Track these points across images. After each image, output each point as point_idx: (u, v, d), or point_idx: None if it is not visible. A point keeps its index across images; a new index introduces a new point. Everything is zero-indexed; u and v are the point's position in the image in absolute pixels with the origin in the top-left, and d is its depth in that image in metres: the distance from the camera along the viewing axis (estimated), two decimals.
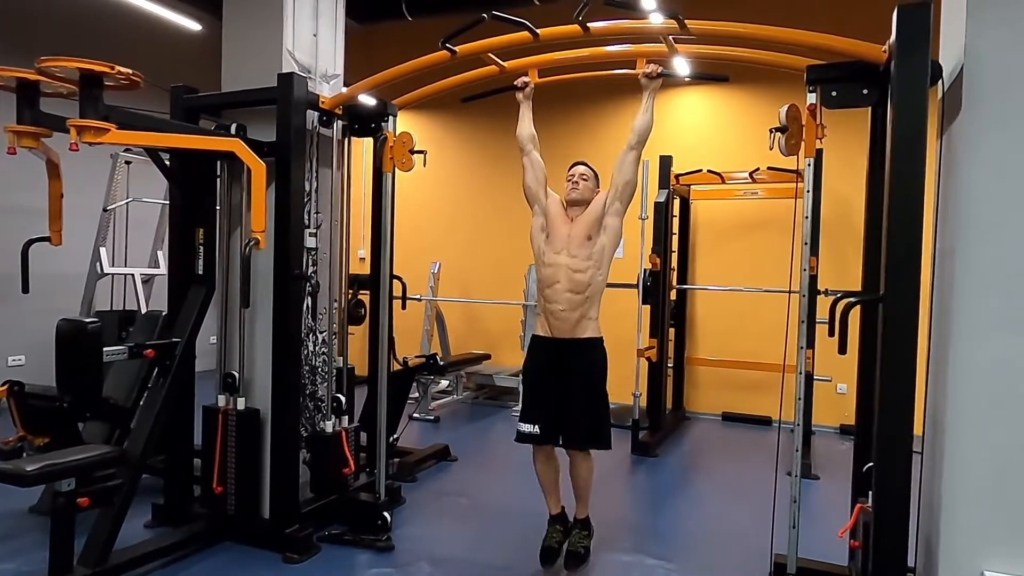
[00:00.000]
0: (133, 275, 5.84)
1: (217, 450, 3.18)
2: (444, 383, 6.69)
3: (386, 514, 3.31)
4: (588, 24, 2.67)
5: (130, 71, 2.38)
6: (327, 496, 3.37)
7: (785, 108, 2.56)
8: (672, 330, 5.89)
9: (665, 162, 5.36)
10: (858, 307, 2.79)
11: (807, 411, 4.83)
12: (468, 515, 3.76)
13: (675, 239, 5.83)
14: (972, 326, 2.06)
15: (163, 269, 6.14)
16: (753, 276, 6.06)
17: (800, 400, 2.61)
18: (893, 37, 2.12)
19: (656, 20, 2.67)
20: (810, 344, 4.88)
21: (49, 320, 2.74)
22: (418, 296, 6.56)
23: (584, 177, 2.97)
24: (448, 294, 7.07)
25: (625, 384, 6.44)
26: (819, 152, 4.82)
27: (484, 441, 5.51)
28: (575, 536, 2.99)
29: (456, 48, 2.95)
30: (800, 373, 2.60)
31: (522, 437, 2.92)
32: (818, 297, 4.03)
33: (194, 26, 6.16)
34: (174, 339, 2.95)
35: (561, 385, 2.85)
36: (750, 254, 6.24)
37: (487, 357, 6.74)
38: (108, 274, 5.66)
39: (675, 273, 5.89)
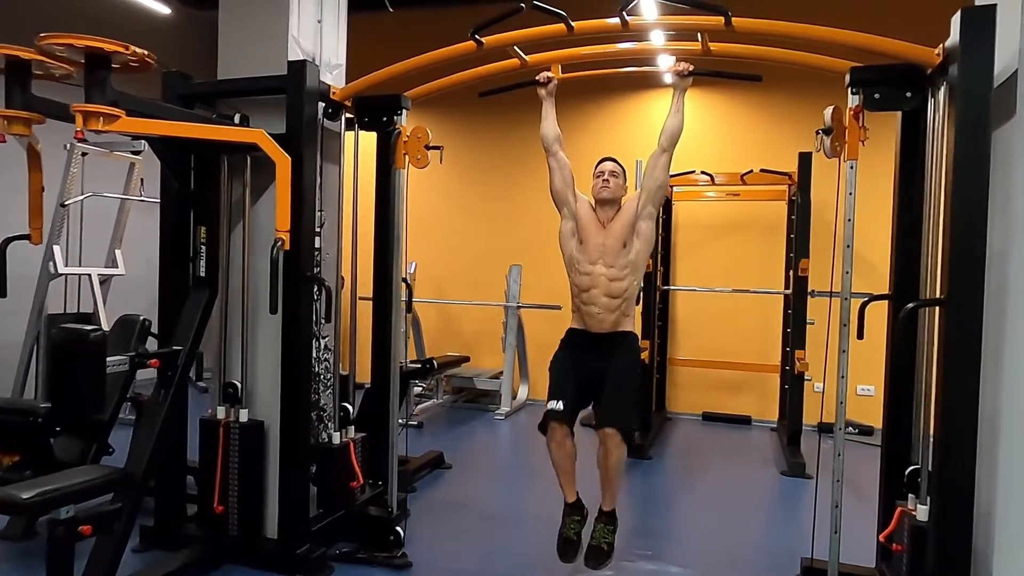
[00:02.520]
0: (90, 275, 5.42)
1: (219, 466, 2.95)
2: (420, 387, 6.51)
3: (399, 528, 3.15)
4: (628, 18, 2.58)
5: (145, 52, 2.15)
6: (335, 512, 3.17)
7: (830, 109, 2.53)
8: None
9: None
10: (885, 309, 2.83)
11: (799, 411, 4.90)
12: (476, 525, 3.62)
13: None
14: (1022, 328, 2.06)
15: (121, 269, 5.75)
16: (733, 277, 6.11)
17: (842, 404, 2.58)
18: (955, 40, 2.11)
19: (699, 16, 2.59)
20: (801, 344, 4.97)
21: None
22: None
23: (614, 174, 2.86)
24: (422, 295, 6.88)
25: None
26: (808, 156, 4.90)
27: (472, 446, 5.36)
28: (598, 530, 2.73)
29: (483, 40, 2.81)
30: (843, 377, 2.57)
31: (545, 417, 2.68)
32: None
33: (163, 9, 5.77)
34: (175, 347, 2.70)
35: (598, 370, 2.70)
36: (729, 256, 6.29)
37: (466, 359, 6.59)
38: (62, 274, 5.23)
39: (659, 274, 5.89)
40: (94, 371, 2.24)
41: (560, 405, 2.65)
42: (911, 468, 2.48)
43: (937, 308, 2.32)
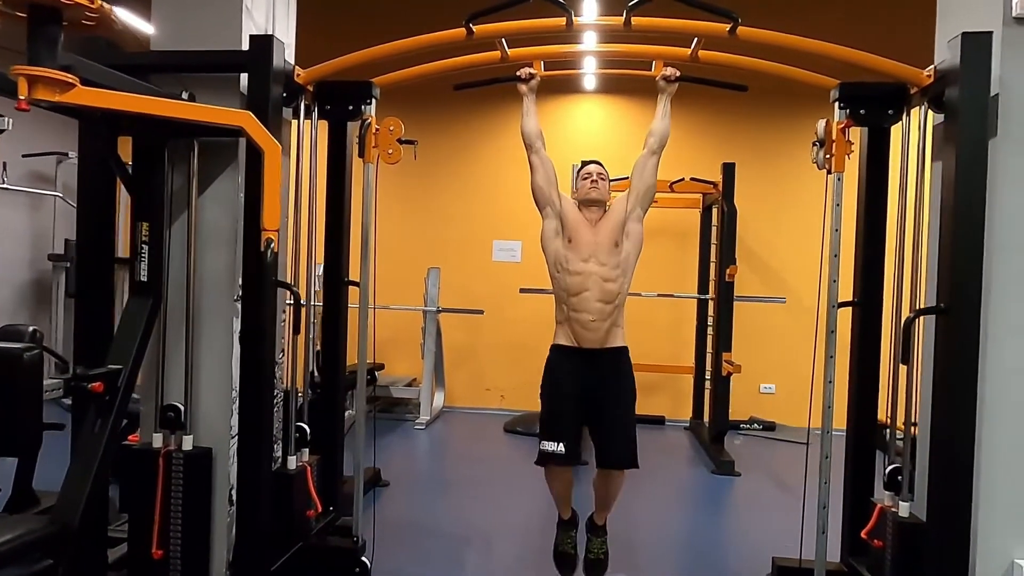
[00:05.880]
0: None
1: (158, 503, 2.51)
2: None
3: (365, 560, 2.87)
4: (632, 18, 2.51)
5: (109, 7, 1.76)
6: (292, 546, 2.82)
7: (823, 123, 2.61)
8: None
9: None
10: (850, 313, 2.97)
11: (725, 411, 5.09)
12: (437, 546, 3.40)
13: None
14: (1001, 332, 2.23)
15: None
16: (648, 282, 6.22)
17: (831, 408, 2.66)
18: (954, 62, 2.22)
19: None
20: (728, 347, 5.16)
21: None
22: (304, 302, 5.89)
23: (601, 176, 2.83)
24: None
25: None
26: (732, 167, 5.12)
27: (401, 459, 5.09)
28: (594, 543, 2.82)
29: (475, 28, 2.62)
30: (830, 382, 2.65)
31: (544, 458, 2.65)
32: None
33: None
34: (114, 366, 2.25)
35: (595, 399, 2.66)
36: (643, 261, 6.43)
37: (380, 367, 6.25)
38: None
39: None
40: (31, 398, 1.80)
41: (562, 448, 2.61)
42: (892, 467, 2.59)
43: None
